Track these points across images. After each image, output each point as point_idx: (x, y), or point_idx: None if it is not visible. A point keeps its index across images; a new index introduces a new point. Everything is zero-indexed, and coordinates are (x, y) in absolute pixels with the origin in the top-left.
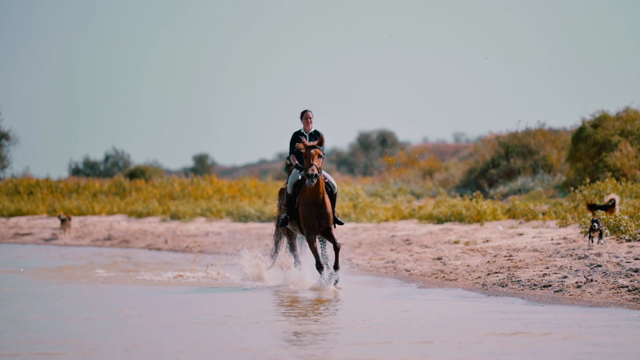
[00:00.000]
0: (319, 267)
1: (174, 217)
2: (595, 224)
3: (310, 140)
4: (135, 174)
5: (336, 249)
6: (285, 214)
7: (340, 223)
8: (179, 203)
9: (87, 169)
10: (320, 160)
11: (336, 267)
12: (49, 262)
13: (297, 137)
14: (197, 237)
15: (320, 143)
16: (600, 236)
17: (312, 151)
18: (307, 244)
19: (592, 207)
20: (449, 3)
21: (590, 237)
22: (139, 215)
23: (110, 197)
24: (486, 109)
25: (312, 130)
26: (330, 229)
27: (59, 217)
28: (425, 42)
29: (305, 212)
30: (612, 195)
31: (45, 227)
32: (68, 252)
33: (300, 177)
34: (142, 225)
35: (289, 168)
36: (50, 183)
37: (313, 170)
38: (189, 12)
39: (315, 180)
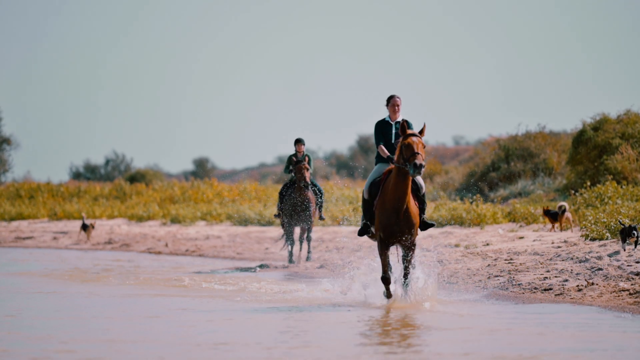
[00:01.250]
0: (386, 281)
1: (175, 220)
2: (635, 232)
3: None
4: (136, 177)
5: (407, 261)
6: (364, 220)
7: (431, 225)
8: (179, 207)
9: (88, 173)
10: (424, 151)
11: (406, 276)
12: (84, 262)
13: (383, 126)
14: (197, 240)
15: (422, 132)
16: (637, 243)
17: (415, 139)
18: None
19: (547, 213)
20: (449, 6)
21: (626, 243)
22: (140, 219)
23: (111, 201)
24: (486, 112)
25: (400, 119)
26: (411, 238)
27: (82, 222)
28: (425, 45)
29: (383, 217)
30: (562, 203)
31: (47, 231)
32: (73, 255)
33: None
34: (143, 229)
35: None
36: (51, 187)
37: (419, 160)
38: (189, 15)
39: (421, 172)
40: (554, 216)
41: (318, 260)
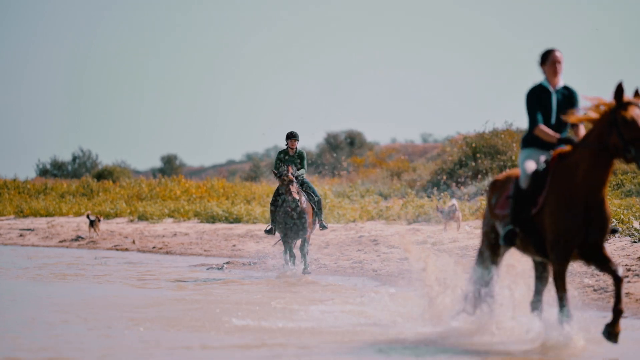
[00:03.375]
0: (564, 309)
1: (142, 217)
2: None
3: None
4: (103, 174)
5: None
6: (510, 225)
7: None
8: (146, 204)
9: (55, 170)
10: None
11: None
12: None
13: (539, 93)
14: (164, 237)
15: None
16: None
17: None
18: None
19: (439, 210)
20: (418, 3)
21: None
22: (107, 216)
23: (78, 198)
24: (454, 110)
25: (562, 84)
26: (603, 247)
27: (87, 217)
28: (393, 43)
29: (562, 218)
30: (453, 201)
31: (13, 228)
32: (46, 253)
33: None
34: (110, 226)
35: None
36: (17, 184)
37: None
38: (157, 12)
39: None
40: (442, 212)
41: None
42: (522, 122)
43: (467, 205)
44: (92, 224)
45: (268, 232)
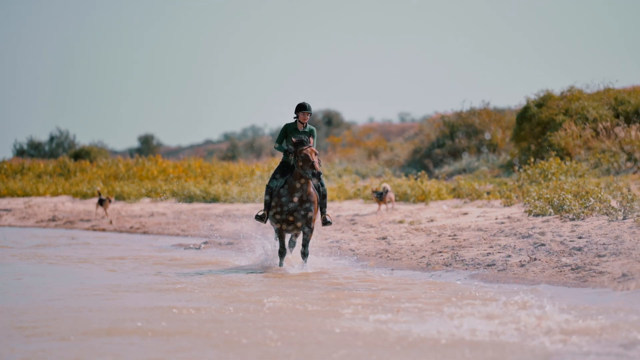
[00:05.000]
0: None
1: (119, 197)
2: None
3: None
4: (80, 154)
5: None
6: None
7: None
8: (123, 184)
9: (32, 150)
10: None
11: None
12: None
13: None
14: (142, 217)
15: None
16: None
17: None
18: None
19: (374, 193)
20: None
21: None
22: (84, 196)
23: (55, 178)
24: (432, 89)
25: None
26: None
27: (98, 194)
28: (371, 22)
29: None
30: (385, 185)
31: None
32: (28, 233)
33: None
34: (87, 206)
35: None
36: None
37: None
38: None
39: None
40: (379, 196)
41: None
42: (500, 101)
43: (445, 184)
44: (101, 202)
45: (259, 218)
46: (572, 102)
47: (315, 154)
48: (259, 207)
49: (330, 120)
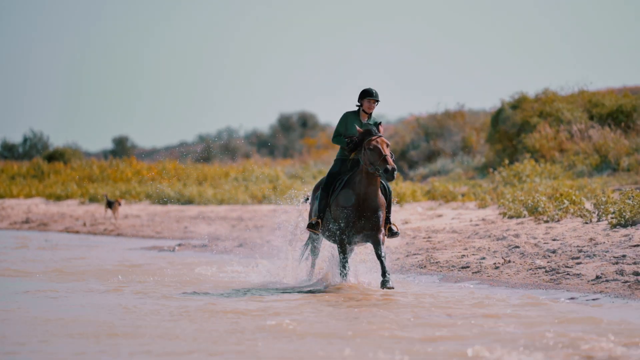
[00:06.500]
0: None
1: (93, 199)
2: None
3: None
4: (54, 156)
5: None
6: None
7: None
8: (98, 186)
9: (5, 152)
10: None
11: None
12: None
13: None
14: (106, 219)
15: None
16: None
17: None
18: None
19: (306, 199)
20: None
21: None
22: (58, 198)
23: (29, 180)
24: (407, 91)
25: None
26: None
27: (105, 198)
28: (345, 23)
29: None
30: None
31: None
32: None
33: None
34: (61, 208)
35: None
36: None
37: None
38: None
39: None
40: (109, 204)
41: (237, 239)
42: (474, 103)
43: (419, 186)
44: (110, 205)
45: (313, 227)
46: (547, 104)
47: (387, 146)
48: (233, 209)
49: (305, 122)
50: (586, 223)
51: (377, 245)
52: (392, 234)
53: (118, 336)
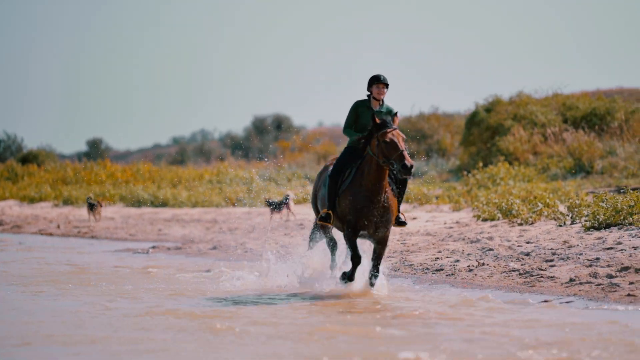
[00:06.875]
0: None
1: (67, 202)
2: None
3: None
4: (28, 158)
5: None
6: None
7: None
8: (71, 188)
9: None
10: None
11: None
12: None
13: None
14: (90, 222)
15: None
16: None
17: None
18: None
19: (268, 203)
20: None
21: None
22: (32, 201)
23: (2, 182)
24: None
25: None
26: None
27: (87, 201)
28: (319, 25)
29: None
30: (288, 192)
31: None
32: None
33: None
34: (35, 211)
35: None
36: None
37: None
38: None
39: None
40: (278, 207)
41: (211, 242)
42: (449, 106)
43: None
44: (92, 207)
45: (324, 219)
46: (521, 107)
47: (403, 140)
48: (207, 212)
49: (280, 125)
50: (560, 226)
51: (380, 247)
52: (399, 223)
53: None
